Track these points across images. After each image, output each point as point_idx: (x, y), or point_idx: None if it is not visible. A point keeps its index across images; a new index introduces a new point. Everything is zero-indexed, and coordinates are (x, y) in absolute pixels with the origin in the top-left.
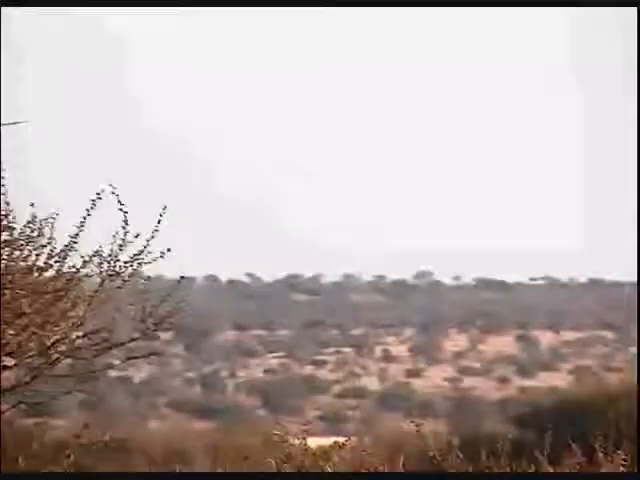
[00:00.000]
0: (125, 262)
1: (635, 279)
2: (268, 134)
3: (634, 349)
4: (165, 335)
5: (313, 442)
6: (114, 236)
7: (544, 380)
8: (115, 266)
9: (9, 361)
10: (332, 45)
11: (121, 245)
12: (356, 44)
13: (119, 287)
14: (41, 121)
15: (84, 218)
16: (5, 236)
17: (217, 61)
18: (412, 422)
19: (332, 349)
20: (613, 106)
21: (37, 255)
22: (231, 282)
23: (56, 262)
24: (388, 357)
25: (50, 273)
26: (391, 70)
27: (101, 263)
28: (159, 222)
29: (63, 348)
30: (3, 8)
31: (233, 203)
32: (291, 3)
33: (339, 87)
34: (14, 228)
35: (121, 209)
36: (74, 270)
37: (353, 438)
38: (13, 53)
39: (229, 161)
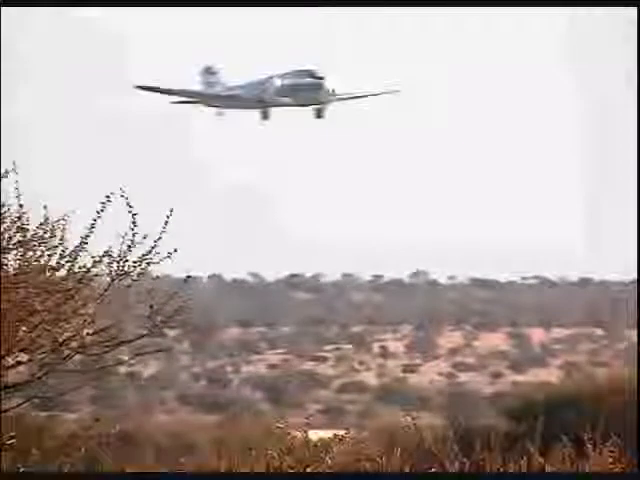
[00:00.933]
0: (134, 262)
1: (624, 278)
2: (268, 133)
3: (621, 345)
4: (172, 332)
5: (314, 434)
6: (123, 237)
7: (535, 375)
8: (124, 266)
9: (22, 357)
10: (333, 43)
11: (130, 246)
12: (356, 42)
13: (128, 286)
14: (42, 123)
15: (94, 220)
16: (18, 237)
17: (215, 60)
18: (409, 415)
19: (332, 345)
20: (614, 105)
21: (49, 255)
22: (235, 281)
23: (67, 262)
24: (386, 353)
25: (61, 273)
26: (390, 67)
27: (110, 263)
28: (166, 224)
29: (74, 344)
30: (3, 8)
31: (236, 204)
32: (292, 3)
33: (338, 85)
34: (27, 230)
35: (130, 211)
36: (85, 270)
37: (352, 431)
38: (14, 54)
39: (232, 162)
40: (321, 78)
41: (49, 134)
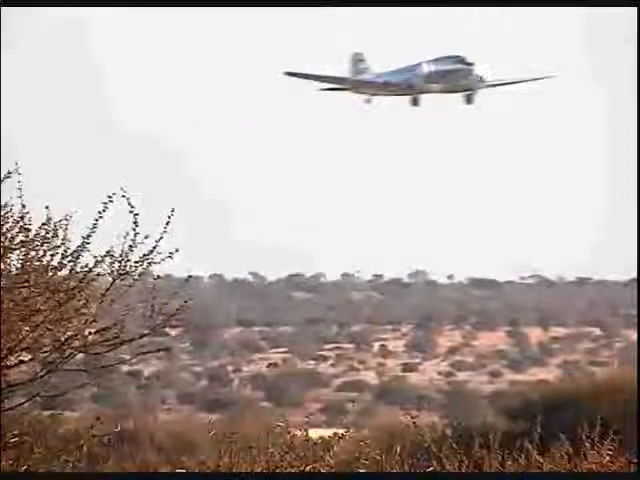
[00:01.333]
0: (135, 262)
1: (621, 278)
2: (268, 139)
3: (619, 344)
4: (173, 331)
5: (314, 433)
6: (124, 237)
7: (534, 374)
8: (126, 266)
9: (25, 356)
10: (321, 49)
11: (131, 246)
12: (354, 45)
13: (129, 286)
14: (42, 126)
15: (96, 220)
16: (21, 237)
17: (208, 71)
18: (408, 414)
19: (332, 345)
20: (613, 104)
21: (51, 255)
22: (236, 281)
23: (69, 262)
24: (385, 352)
25: (64, 272)
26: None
27: (112, 263)
28: (167, 224)
29: (76, 344)
30: (3, 8)
31: (234, 206)
32: (291, 3)
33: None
34: (29, 230)
35: (131, 211)
36: (87, 269)
37: (352, 429)
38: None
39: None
40: (471, 64)
41: (49, 137)
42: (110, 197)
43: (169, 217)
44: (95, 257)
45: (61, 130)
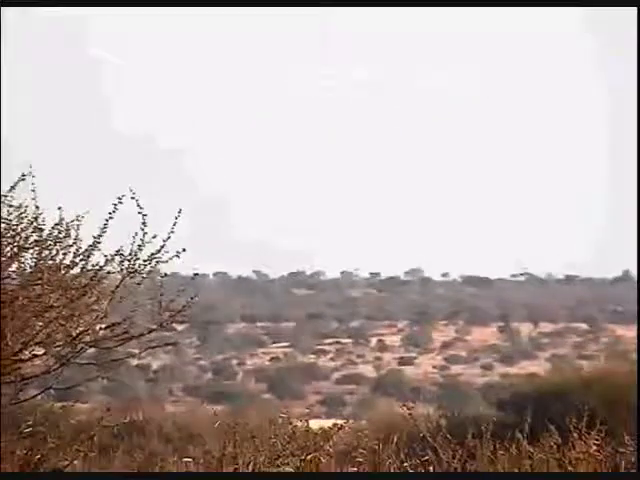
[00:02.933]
0: (144, 261)
1: (607, 276)
2: (268, 143)
3: (605, 339)
4: (180, 327)
5: (314, 424)
6: (134, 237)
7: (524, 367)
8: (135, 264)
9: (39, 350)
10: (315, 47)
11: (140, 245)
12: (349, 44)
13: (138, 283)
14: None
15: (106, 220)
16: (35, 237)
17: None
18: (404, 406)
19: (332, 339)
20: (614, 102)
21: (64, 254)
22: (239, 278)
23: (81, 261)
24: (383, 347)
25: (76, 270)
26: (389, 68)
27: (122, 261)
28: (174, 225)
29: (87, 338)
30: (3, 8)
31: (236, 207)
32: (291, 3)
33: (333, 85)
34: (42, 229)
35: (140, 212)
36: (97, 268)
37: (351, 420)
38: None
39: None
40: None
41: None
42: (120, 198)
43: (176, 218)
44: (105, 256)
45: (60, 130)
